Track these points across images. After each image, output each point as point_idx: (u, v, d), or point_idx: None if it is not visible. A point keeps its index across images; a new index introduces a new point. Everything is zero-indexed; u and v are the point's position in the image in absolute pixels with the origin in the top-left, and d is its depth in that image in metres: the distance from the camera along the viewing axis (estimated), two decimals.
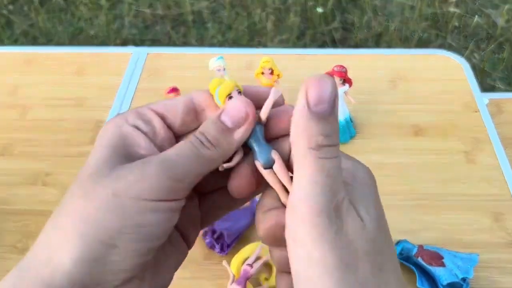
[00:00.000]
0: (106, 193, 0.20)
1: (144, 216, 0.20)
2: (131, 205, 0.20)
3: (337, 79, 0.59)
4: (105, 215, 0.20)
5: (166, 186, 0.20)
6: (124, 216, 0.20)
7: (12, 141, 0.66)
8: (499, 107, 0.75)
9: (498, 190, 0.58)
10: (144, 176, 0.20)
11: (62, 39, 1.56)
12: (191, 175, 0.21)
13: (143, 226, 0.20)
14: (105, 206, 0.20)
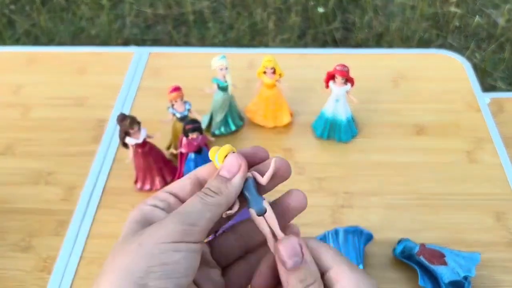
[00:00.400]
0: (133, 246, 0.25)
1: (167, 256, 0.24)
2: (154, 248, 0.24)
3: (339, 78, 0.59)
4: (133, 261, 0.24)
5: (180, 230, 0.25)
6: (150, 258, 0.24)
7: (15, 141, 0.66)
8: (501, 107, 0.76)
9: (500, 189, 0.58)
10: (162, 225, 0.25)
11: (63, 39, 1.56)
12: (202, 219, 0.26)
13: (167, 264, 0.24)
14: (134, 254, 0.24)
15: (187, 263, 0.25)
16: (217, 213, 0.26)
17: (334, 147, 0.64)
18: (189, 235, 0.25)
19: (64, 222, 0.56)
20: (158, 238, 0.25)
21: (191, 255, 0.25)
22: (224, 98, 0.62)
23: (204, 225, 0.26)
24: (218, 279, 0.29)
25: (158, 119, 0.58)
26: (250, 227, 0.29)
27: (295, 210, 0.29)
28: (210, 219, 0.26)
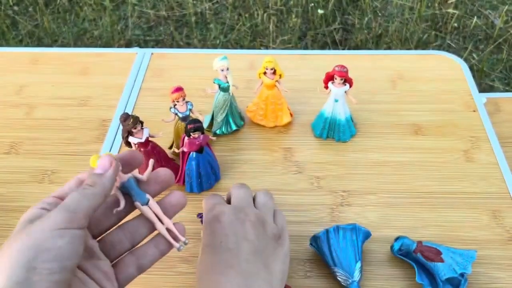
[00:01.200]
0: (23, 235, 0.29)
1: (53, 242, 0.29)
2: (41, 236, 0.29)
3: (338, 79, 0.60)
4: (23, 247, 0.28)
5: (64, 217, 0.30)
6: (37, 245, 0.28)
7: (18, 140, 0.67)
8: (497, 106, 0.76)
9: (496, 188, 0.59)
10: (48, 216, 0.30)
11: (66, 40, 1.57)
12: (81, 206, 0.31)
13: (52, 249, 0.28)
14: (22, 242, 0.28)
15: (71, 248, 0.29)
16: (95, 202, 0.32)
17: (333, 146, 0.65)
18: (72, 222, 0.30)
19: None
20: (44, 226, 0.29)
21: (75, 240, 0.30)
22: (225, 99, 0.63)
23: (83, 211, 0.31)
24: (107, 269, 0.34)
25: (161, 119, 0.59)
26: (136, 223, 0.36)
27: (176, 207, 0.36)
28: (89, 206, 0.31)
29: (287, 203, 0.57)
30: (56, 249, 0.29)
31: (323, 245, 0.50)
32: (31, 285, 0.27)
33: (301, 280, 0.50)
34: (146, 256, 0.36)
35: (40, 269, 0.28)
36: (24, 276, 0.27)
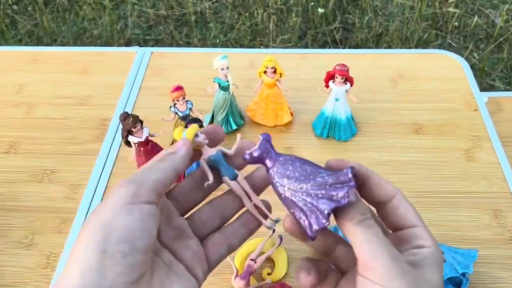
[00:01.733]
0: (91, 218, 0.27)
1: (120, 219, 0.26)
2: (108, 215, 0.26)
3: (338, 77, 0.60)
4: (90, 231, 0.26)
5: (130, 190, 0.27)
6: (105, 226, 0.26)
7: (18, 139, 0.67)
8: (498, 106, 0.76)
9: (497, 187, 0.59)
10: (113, 192, 0.27)
11: (66, 39, 1.57)
12: (148, 179, 0.28)
13: (120, 228, 0.26)
14: (90, 225, 0.26)
15: (141, 225, 0.26)
16: (164, 175, 0.29)
17: (334, 145, 0.64)
18: (138, 195, 0.27)
19: (67, 219, 0.57)
20: (111, 204, 0.27)
21: (145, 217, 0.27)
22: (225, 98, 0.63)
23: (150, 184, 0.28)
24: (197, 248, 0.32)
25: (160, 118, 0.59)
26: (225, 199, 0.34)
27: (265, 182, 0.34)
28: (157, 179, 0.28)
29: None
30: (124, 228, 0.26)
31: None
32: (105, 271, 0.25)
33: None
34: (236, 235, 0.33)
35: (111, 252, 0.25)
36: (97, 261, 0.25)
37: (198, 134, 0.32)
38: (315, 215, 0.28)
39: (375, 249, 0.26)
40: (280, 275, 0.51)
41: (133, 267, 0.26)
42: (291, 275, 0.51)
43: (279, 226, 0.33)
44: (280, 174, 0.29)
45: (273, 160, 0.30)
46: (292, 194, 0.29)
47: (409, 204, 0.30)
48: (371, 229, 0.27)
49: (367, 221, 0.27)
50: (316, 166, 0.29)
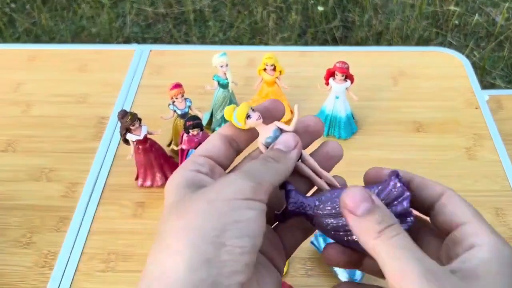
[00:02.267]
0: (200, 204, 0.22)
1: (240, 213, 0.22)
2: (226, 206, 0.22)
3: (339, 75, 0.60)
4: (205, 220, 0.22)
5: (249, 186, 0.23)
6: (223, 216, 0.22)
7: (16, 137, 0.66)
8: (500, 104, 0.76)
9: (499, 186, 0.58)
10: (229, 182, 0.24)
11: (64, 38, 1.56)
12: (266, 179, 0.25)
13: (241, 222, 0.22)
14: (203, 213, 0.22)
15: (259, 222, 0.23)
16: (277, 178, 0.25)
17: None
18: (258, 193, 0.23)
19: (65, 218, 0.57)
20: (228, 194, 0.23)
21: (262, 214, 0.23)
22: (225, 95, 0.63)
23: (267, 185, 0.24)
24: (272, 236, 0.28)
25: (159, 116, 0.59)
26: (293, 181, 0.28)
27: (333, 159, 0.29)
28: (271, 182, 0.25)
29: None
30: (245, 222, 0.22)
31: (324, 244, 0.49)
32: (222, 265, 0.21)
33: (302, 278, 0.50)
34: None
35: (230, 246, 0.21)
36: (214, 254, 0.21)
37: (250, 113, 0.27)
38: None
39: (404, 267, 0.21)
40: None
41: (249, 266, 0.22)
42: (292, 274, 0.50)
43: None
44: (323, 218, 0.26)
45: (310, 209, 0.27)
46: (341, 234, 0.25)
47: (460, 200, 0.25)
48: (395, 240, 0.21)
49: (388, 230, 0.22)
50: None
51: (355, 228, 0.23)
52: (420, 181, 0.25)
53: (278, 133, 0.28)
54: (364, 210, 0.22)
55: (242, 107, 0.27)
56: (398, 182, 0.24)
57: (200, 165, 0.26)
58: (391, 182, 0.24)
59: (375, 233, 0.22)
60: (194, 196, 0.23)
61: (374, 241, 0.22)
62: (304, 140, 0.28)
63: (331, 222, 0.25)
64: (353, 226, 0.23)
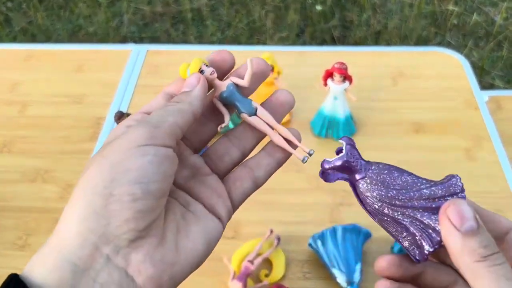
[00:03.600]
0: (97, 158, 0.23)
1: (132, 161, 0.23)
2: (118, 156, 0.23)
3: (337, 76, 0.59)
4: (97, 172, 0.23)
5: (145, 133, 0.24)
6: (114, 166, 0.23)
7: (12, 138, 0.66)
8: (499, 104, 0.76)
9: (498, 187, 0.58)
10: (127, 133, 0.24)
11: (61, 37, 1.55)
12: (164, 122, 0.25)
13: (131, 169, 0.23)
14: (97, 166, 0.23)
15: (155, 167, 0.23)
16: (181, 118, 0.25)
17: (333, 145, 0.63)
18: (154, 137, 0.24)
19: None
20: (123, 145, 0.23)
21: (160, 159, 0.24)
22: None
23: (167, 127, 0.25)
24: (217, 185, 0.28)
25: None
26: (243, 130, 0.29)
27: (284, 105, 0.29)
28: (174, 122, 0.25)
29: (285, 202, 0.56)
30: (137, 169, 0.22)
31: (322, 246, 0.49)
32: (110, 216, 0.22)
33: (299, 281, 0.49)
34: (260, 167, 0.29)
35: (119, 195, 0.22)
36: (102, 205, 0.22)
37: (203, 68, 0.28)
38: (426, 234, 0.23)
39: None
40: (277, 277, 0.50)
41: (144, 212, 0.22)
42: (289, 277, 0.50)
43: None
44: (374, 187, 0.24)
45: (364, 169, 0.25)
46: (393, 210, 0.24)
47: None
48: (502, 269, 0.21)
49: (494, 256, 0.21)
50: (415, 176, 0.24)
51: (454, 244, 0.22)
52: (486, 213, 0.25)
53: (233, 88, 0.28)
54: (469, 228, 0.22)
55: (195, 62, 0.28)
56: (459, 181, 0.24)
57: (134, 120, 0.26)
58: (453, 179, 0.24)
59: (479, 256, 0.21)
60: (99, 150, 0.24)
61: (477, 264, 0.21)
62: (253, 84, 0.29)
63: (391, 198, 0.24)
64: (452, 242, 0.22)
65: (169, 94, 0.28)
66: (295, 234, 0.53)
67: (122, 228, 0.22)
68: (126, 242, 0.22)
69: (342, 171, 0.26)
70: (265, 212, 0.55)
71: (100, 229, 0.22)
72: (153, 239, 0.23)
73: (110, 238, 0.22)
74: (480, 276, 0.21)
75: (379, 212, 0.24)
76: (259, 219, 0.54)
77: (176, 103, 0.26)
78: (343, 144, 0.26)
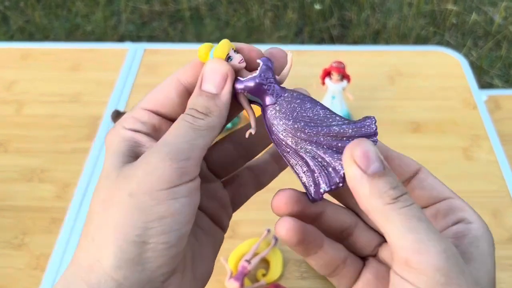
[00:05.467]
0: (122, 196, 0.20)
1: (164, 207, 0.20)
2: (148, 200, 0.20)
3: (335, 75, 0.59)
4: (127, 217, 0.20)
5: (175, 170, 0.20)
6: (145, 213, 0.20)
7: (8, 137, 0.65)
8: (497, 104, 0.75)
9: (496, 186, 0.58)
10: (151, 167, 0.20)
11: (58, 36, 1.55)
12: (195, 150, 0.21)
13: (165, 217, 0.20)
14: (125, 208, 0.20)
15: (188, 210, 0.21)
16: (211, 138, 0.22)
17: None
18: (185, 174, 0.20)
19: (57, 219, 0.56)
20: (150, 185, 0.20)
21: (190, 198, 0.21)
22: None
23: (198, 156, 0.21)
24: (221, 193, 0.26)
25: None
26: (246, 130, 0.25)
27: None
28: (204, 147, 0.21)
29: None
30: (171, 216, 0.20)
31: None
32: (145, 262, 0.20)
33: (297, 281, 0.49)
34: (266, 173, 0.26)
35: (153, 243, 0.20)
36: (136, 253, 0.20)
37: (232, 55, 0.22)
38: (325, 173, 0.21)
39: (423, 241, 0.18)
40: (275, 276, 0.50)
41: (178, 255, 0.21)
42: (287, 276, 0.50)
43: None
44: (282, 116, 0.22)
45: (276, 95, 0.22)
46: (297, 143, 0.22)
47: (436, 178, 0.24)
48: (412, 210, 0.19)
49: (404, 197, 0.19)
50: (330, 111, 0.22)
51: (360, 187, 0.20)
52: (395, 154, 0.23)
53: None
54: (376, 169, 0.19)
55: (223, 45, 0.22)
56: (374, 124, 0.21)
57: (141, 123, 0.22)
58: (368, 120, 0.22)
59: (389, 198, 0.19)
60: (117, 182, 0.21)
61: (386, 207, 0.19)
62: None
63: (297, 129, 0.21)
64: (359, 184, 0.20)
65: (183, 85, 0.23)
66: None
67: (156, 273, 0.21)
68: (159, 284, 0.21)
69: (256, 94, 0.22)
70: (262, 211, 0.55)
71: (135, 276, 0.20)
72: (178, 275, 0.22)
73: (144, 283, 0.21)
74: (392, 219, 0.19)
75: (283, 142, 0.22)
76: (256, 219, 0.54)
77: (205, 117, 0.21)
78: (259, 64, 0.22)
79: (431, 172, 0.24)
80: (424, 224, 0.19)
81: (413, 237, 0.18)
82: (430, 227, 0.19)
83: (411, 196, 0.21)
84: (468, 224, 0.21)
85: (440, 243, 0.18)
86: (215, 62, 0.22)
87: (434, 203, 0.23)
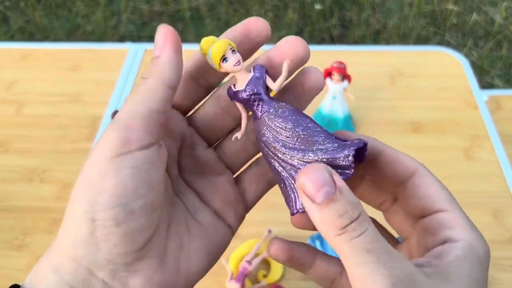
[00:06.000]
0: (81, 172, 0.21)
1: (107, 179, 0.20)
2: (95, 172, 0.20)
3: (336, 75, 0.59)
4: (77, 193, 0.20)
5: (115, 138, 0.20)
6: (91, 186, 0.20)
7: (8, 137, 0.65)
8: (498, 104, 0.75)
9: (497, 187, 0.58)
10: (101, 139, 0.21)
11: (59, 36, 1.55)
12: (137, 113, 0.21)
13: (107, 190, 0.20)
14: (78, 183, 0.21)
15: (135, 182, 0.19)
16: (156, 101, 0.20)
17: None
18: (129, 142, 0.20)
19: (58, 220, 0.56)
20: (96, 157, 0.20)
21: (139, 169, 0.20)
22: None
23: (142, 122, 0.20)
24: (229, 187, 0.24)
25: None
26: None
27: (312, 90, 0.24)
28: (148, 110, 0.20)
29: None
30: (113, 189, 0.19)
31: (320, 246, 0.49)
32: (98, 241, 0.19)
33: (297, 282, 0.49)
34: None
35: (101, 220, 0.19)
36: (88, 232, 0.19)
37: (228, 56, 0.22)
38: (295, 195, 0.21)
39: (370, 275, 0.18)
40: (276, 277, 0.50)
41: (132, 234, 0.20)
42: (287, 277, 0.50)
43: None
44: (264, 131, 0.22)
45: (261, 110, 0.22)
46: (275, 160, 0.22)
47: (434, 180, 0.22)
48: (362, 240, 0.18)
49: (352, 226, 0.18)
50: (313, 129, 0.21)
51: (314, 218, 0.19)
52: (390, 153, 0.22)
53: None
54: (324, 197, 0.18)
55: (220, 45, 0.22)
56: (351, 157, 0.20)
57: None
58: (347, 150, 0.20)
59: (337, 229, 0.18)
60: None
61: (335, 238, 0.18)
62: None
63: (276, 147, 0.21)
64: (313, 215, 0.19)
65: (191, 74, 0.23)
66: (293, 234, 0.52)
67: (112, 253, 0.20)
68: (122, 266, 0.20)
69: (244, 104, 0.23)
70: (263, 212, 0.55)
71: (91, 256, 0.20)
72: (152, 261, 0.21)
73: (103, 264, 0.20)
74: (341, 250, 0.18)
75: (265, 156, 0.22)
76: (257, 219, 0.54)
77: (144, 81, 0.21)
78: (251, 72, 0.23)
79: (432, 171, 0.24)
80: (374, 256, 0.18)
81: (360, 272, 0.18)
82: (380, 259, 0.18)
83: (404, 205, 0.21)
84: (453, 243, 0.20)
85: (388, 278, 0.18)
86: (158, 32, 0.23)
87: (425, 216, 0.22)
